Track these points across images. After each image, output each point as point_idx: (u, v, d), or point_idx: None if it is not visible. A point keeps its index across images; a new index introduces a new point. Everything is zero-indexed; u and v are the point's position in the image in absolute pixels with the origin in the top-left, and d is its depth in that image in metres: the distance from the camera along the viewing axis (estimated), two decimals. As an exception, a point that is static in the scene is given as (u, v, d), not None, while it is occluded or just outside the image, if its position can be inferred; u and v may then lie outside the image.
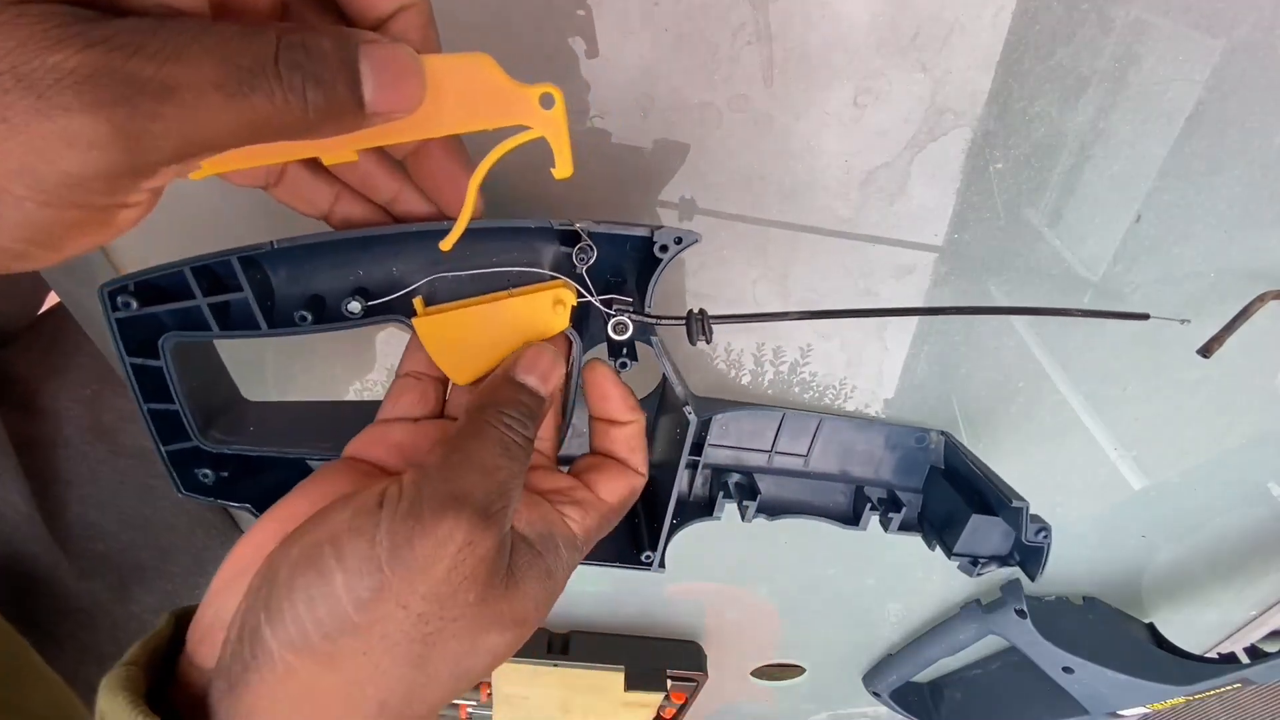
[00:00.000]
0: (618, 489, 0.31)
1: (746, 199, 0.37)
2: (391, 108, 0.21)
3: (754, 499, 0.42)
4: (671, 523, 0.39)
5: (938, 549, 0.43)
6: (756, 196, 0.36)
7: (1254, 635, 0.64)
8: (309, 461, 0.38)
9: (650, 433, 0.38)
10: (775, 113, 0.33)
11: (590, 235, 0.29)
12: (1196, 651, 0.56)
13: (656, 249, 0.29)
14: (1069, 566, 0.59)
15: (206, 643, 0.24)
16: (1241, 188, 0.36)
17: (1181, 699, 0.56)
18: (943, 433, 0.44)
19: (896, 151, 0.35)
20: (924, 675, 0.70)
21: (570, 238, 0.30)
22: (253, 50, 0.18)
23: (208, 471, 0.37)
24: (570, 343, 0.30)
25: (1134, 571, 0.59)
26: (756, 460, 0.44)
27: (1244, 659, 0.55)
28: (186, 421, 0.34)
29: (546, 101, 0.25)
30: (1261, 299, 0.38)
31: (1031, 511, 0.38)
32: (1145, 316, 0.34)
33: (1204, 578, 0.59)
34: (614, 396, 0.31)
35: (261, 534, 0.26)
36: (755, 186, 0.36)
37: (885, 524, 0.43)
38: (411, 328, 0.30)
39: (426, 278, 0.30)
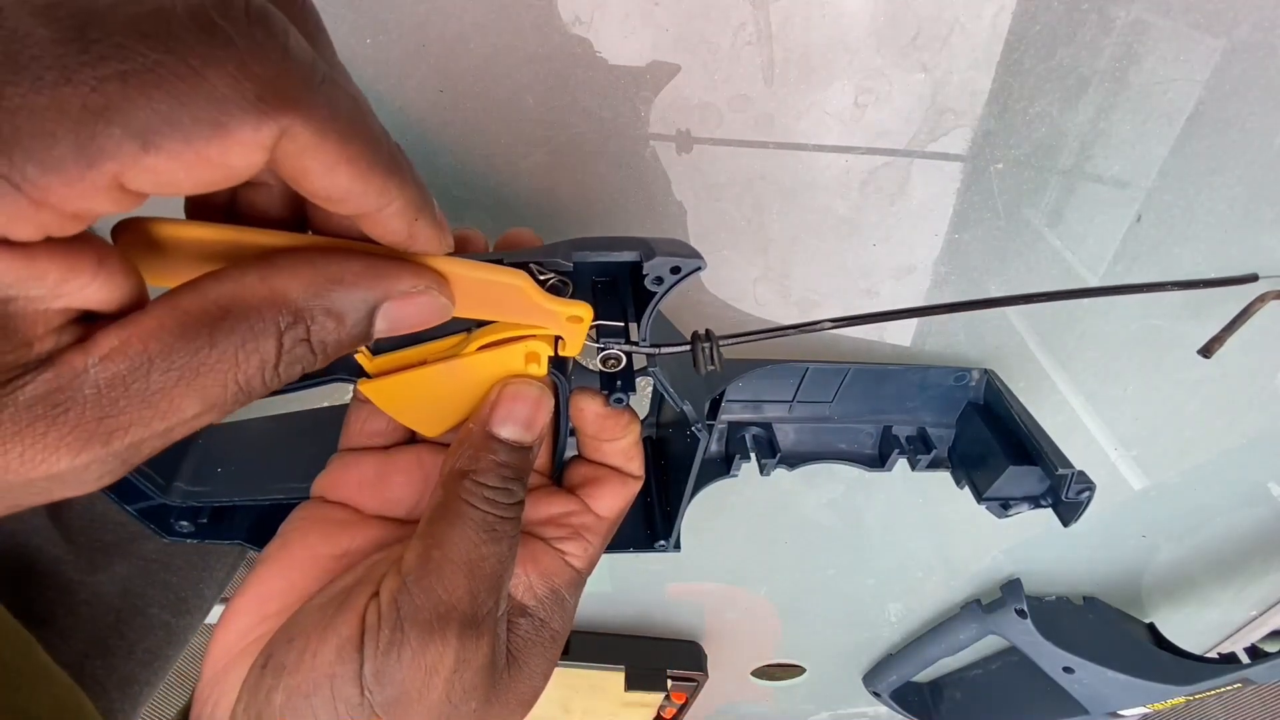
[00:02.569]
0: (616, 502, 0.28)
1: (747, 199, 0.37)
2: (403, 332, 0.20)
3: (773, 455, 0.40)
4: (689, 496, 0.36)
5: (966, 488, 0.41)
6: (757, 196, 0.37)
7: (1254, 635, 0.64)
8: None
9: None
10: (775, 113, 0.34)
11: (560, 272, 0.24)
12: (1196, 651, 0.56)
13: (649, 281, 0.24)
14: (1069, 566, 0.59)
15: None
16: (1241, 188, 0.36)
17: (1181, 699, 0.56)
18: (985, 370, 0.41)
19: (896, 151, 0.35)
20: (924, 675, 0.70)
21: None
22: (248, 369, 0.16)
23: (184, 522, 0.35)
24: (555, 383, 0.26)
25: (1134, 571, 0.59)
26: (776, 412, 0.41)
27: (1244, 659, 0.55)
28: (142, 485, 0.32)
29: (574, 320, 0.24)
30: (1262, 299, 0.38)
31: (1077, 471, 0.36)
32: (1254, 278, 0.31)
33: (1204, 578, 0.59)
34: (605, 424, 0.27)
35: (238, 623, 0.24)
36: (756, 186, 0.36)
37: (913, 464, 0.41)
38: (358, 390, 0.25)
39: None
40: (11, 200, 0.12)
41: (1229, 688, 0.55)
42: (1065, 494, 0.36)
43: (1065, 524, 0.37)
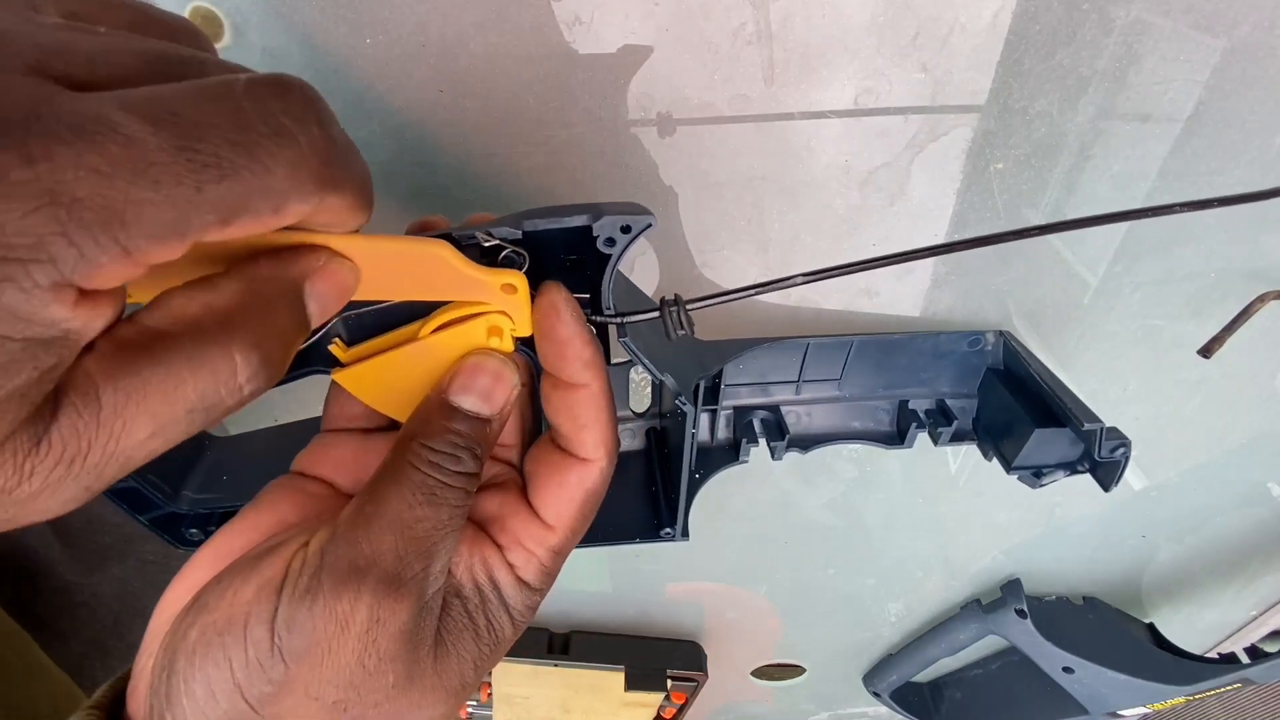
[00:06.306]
0: (565, 507, 0.25)
1: (747, 199, 0.37)
2: (332, 311, 0.21)
3: (783, 438, 0.38)
4: (693, 478, 0.34)
5: (995, 460, 0.39)
6: (757, 196, 0.37)
7: (1254, 635, 0.64)
8: None
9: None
10: (775, 113, 0.34)
11: (510, 241, 0.24)
12: (1196, 651, 0.56)
13: (601, 243, 0.24)
14: (1069, 566, 0.59)
15: (135, 696, 0.22)
16: (1241, 188, 0.36)
17: (1181, 699, 0.56)
18: (1001, 332, 0.39)
19: (896, 151, 0.35)
20: (924, 675, 0.70)
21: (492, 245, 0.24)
22: (201, 387, 0.17)
23: (194, 530, 0.36)
24: (526, 362, 0.26)
25: (1134, 571, 0.59)
26: (783, 393, 0.39)
27: (1244, 659, 0.55)
28: (150, 494, 0.33)
29: (508, 289, 0.23)
30: (1262, 299, 0.38)
31: (1108, 426, 0.33)
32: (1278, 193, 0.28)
33: (1204, 578, 0.59)
34: (563, 338, 0.24)
35: (194, 573, 0.23)
36: (756, 186, 0.36)
37: (935, 438, 0.39)
38: (333, 380, 0.26)
39: (336, 316, 0.25)
40: (119, 263, 0.15)
41: (1229, 688, 0.55)
42: (1099, 453, 0.33)
43: (1105, 488, 0.35)
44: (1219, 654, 0.57)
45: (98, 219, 0.14)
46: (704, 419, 0.36)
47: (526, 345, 0.25)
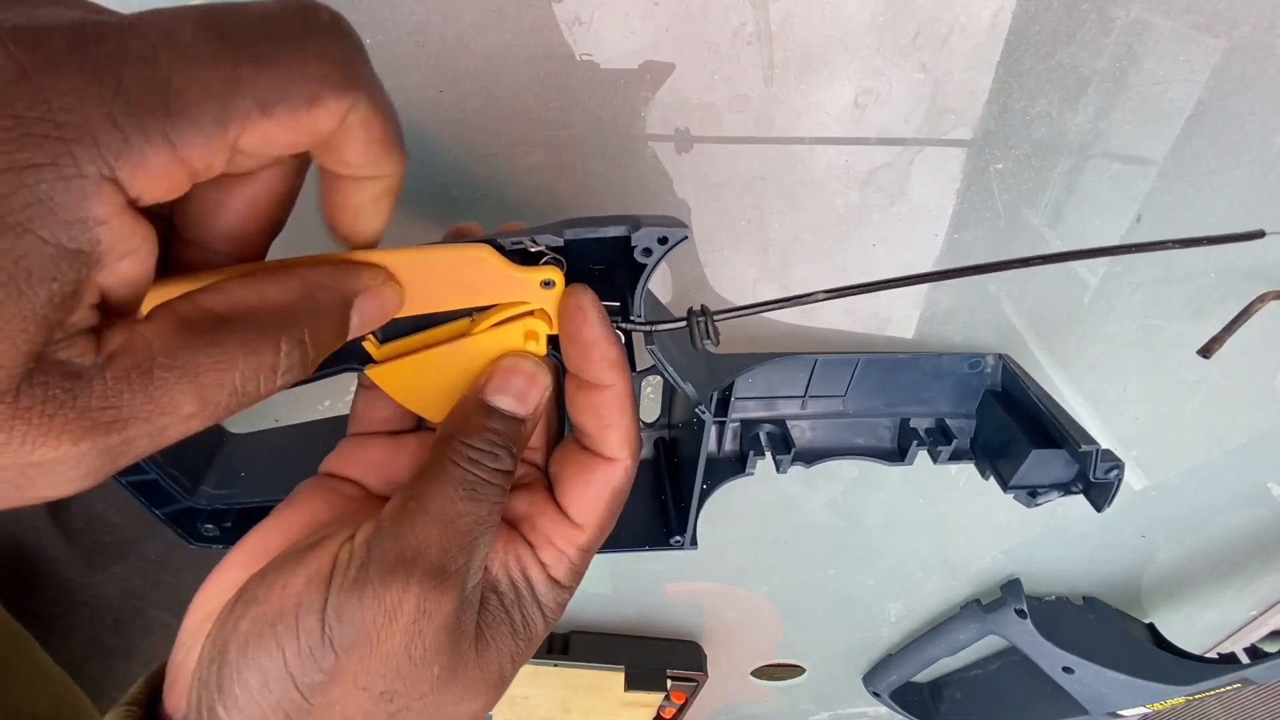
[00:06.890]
0: (592, 505, 0.25)
1: (747, 199, 0.37)
2: (371, 327, 0.22)
3: (788, 451, 0.39)
4: (702, 489, 0.36)
5: (992, 479, 0.40)
6: (757, 196, 0.37)
7: (1254, 635, 0.64)
8: None
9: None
10: (775, 113, 0.34)
11: (552, 249, 0.25)
12: (1196, 651, 0.56)
13: (638, 253, 0.25)
14: (1069, 566, 0.59)
15: (174, 692, 0.23)
16: (1241, 188, 0.36)
17: (1181, 699, 0.56)
18: (1000, 355, 0.41)
19: (896, 151, 0.35)
20: (924, 675, 0.70)
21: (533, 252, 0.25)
22: (246, 372, 0.18)
23: (210, 526, 0.36)
24: (556, 367, 0.26)
25: (1134, 571, 0.59)
26: (789, 408, 0.41)
27: (1244, 659, 0.55)
28: (169, 487, 0.33)
29: (547, 284, 0.24)
30: (1262, 299, 0.38)
31: (1103, 449, 0.35)
32: (1260, 234, 0.29)
33: (1204, 578, 0.59)
34: (589, 340, 0.24)
35: (230, 571, 0.24)
36: (756, 187, 0.36)
37: (934, 456, 0.41)
38: (366, 377, 0.26)
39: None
40: (164, 159, 0.15)
41: (1229, 688, 0.55)
42: (1093, 474, 0.35)
43: (1098, 508, 0.36)
44: (1219, 654, 0.57)
45: (142, 102, 0.14)
46: (712, 431, 0.37)
47: (552, 348, 0.26)
